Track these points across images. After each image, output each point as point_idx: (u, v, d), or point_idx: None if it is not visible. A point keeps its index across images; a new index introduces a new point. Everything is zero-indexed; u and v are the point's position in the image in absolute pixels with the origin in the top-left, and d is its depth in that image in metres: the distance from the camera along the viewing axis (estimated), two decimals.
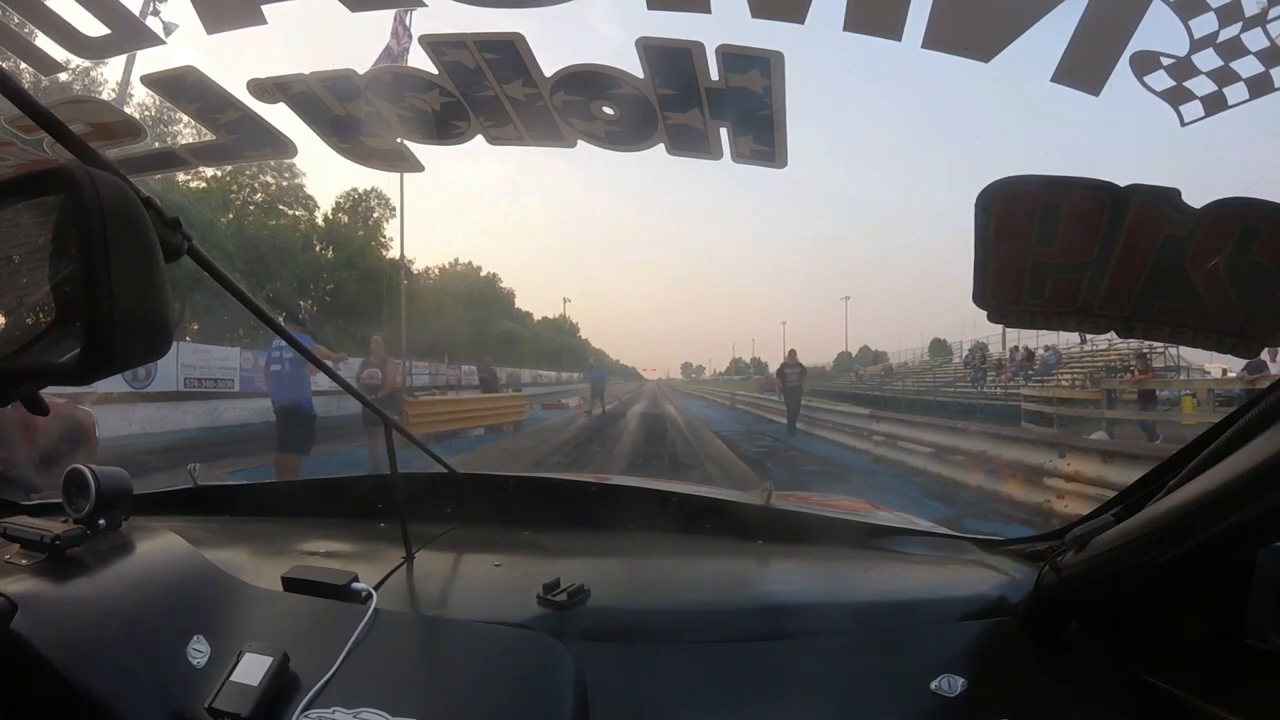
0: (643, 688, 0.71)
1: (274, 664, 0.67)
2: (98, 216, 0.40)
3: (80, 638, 0.67)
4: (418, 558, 0.97)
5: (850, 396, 21.76)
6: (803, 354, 13.68)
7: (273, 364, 6.00)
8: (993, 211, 0.85)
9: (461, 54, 1.02)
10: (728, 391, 34.45)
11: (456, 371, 29.21)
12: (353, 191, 31.92)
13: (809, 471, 8.57)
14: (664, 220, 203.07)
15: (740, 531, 1.13)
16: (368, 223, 32.49)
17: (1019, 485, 6.22)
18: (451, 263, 46.96)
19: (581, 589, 0.81)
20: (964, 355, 25.90)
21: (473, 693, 0.68)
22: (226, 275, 0.67)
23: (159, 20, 1.17)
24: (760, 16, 0.87)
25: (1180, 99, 0.84)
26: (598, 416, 17.17)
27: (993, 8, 0.82)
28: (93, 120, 1.18)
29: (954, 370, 26.30)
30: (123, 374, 0.47)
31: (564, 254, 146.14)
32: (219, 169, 20.55)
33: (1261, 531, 0.56)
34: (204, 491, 1.32)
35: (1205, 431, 0.69)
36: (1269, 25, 0.78)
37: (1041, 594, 0.77)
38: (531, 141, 1.15)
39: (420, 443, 1.21)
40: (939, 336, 41.51)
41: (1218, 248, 0.78)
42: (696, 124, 1.04)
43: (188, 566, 0.84)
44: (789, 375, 13.58)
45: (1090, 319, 0.89)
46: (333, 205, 31.46)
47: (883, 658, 0.76)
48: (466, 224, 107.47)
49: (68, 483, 0.88)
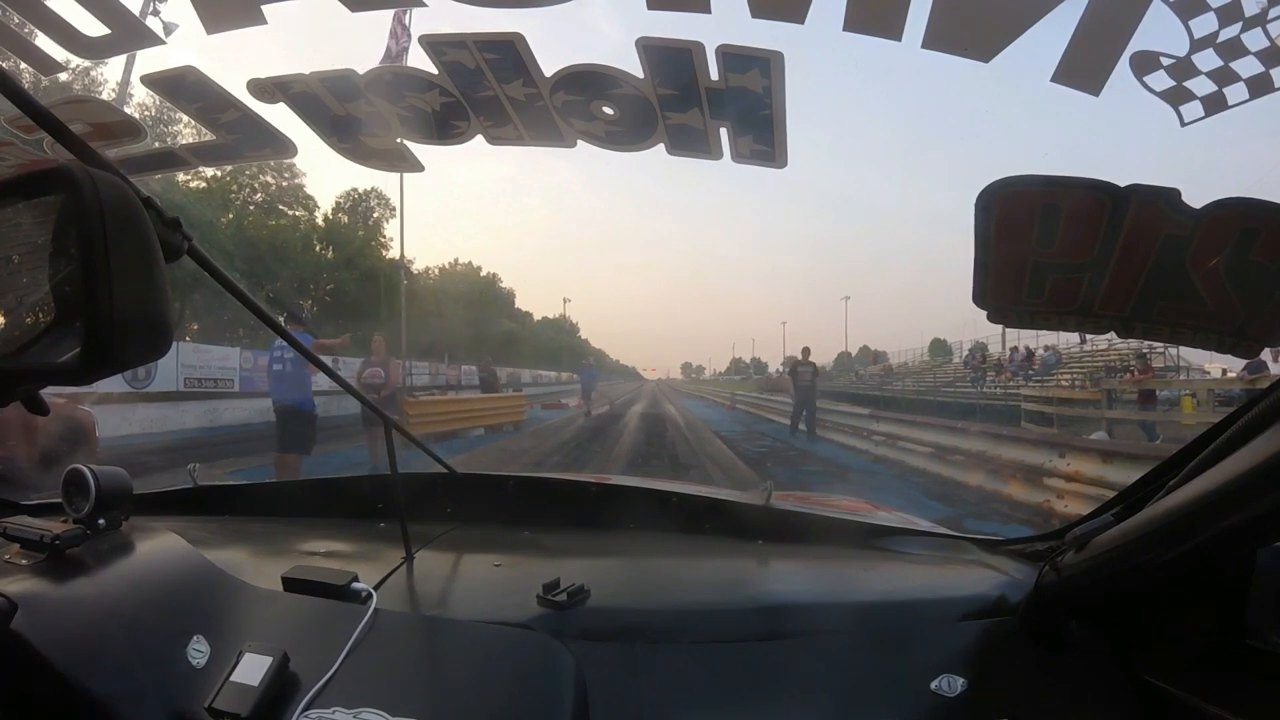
0: (643, 688, 0.71)
1: (274, 664, 0.67)
2: (98, 216, 0.40)
3: (80, 638, 0.67)
4: (418, 558, 0.97)
5: (850, 396, 21.72)
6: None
7: (274, 364, 5.99)
8: (993, 211, 0.85)
9: (461, 54, 1.02)
10: (728, 391, 34.46)
11: (456, 371, 29.23)
12: (352, 191, 32.03)
13: (813, 472, 8.57)
14: (664, 220, 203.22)
15: (740, 531, 1.13)
16: (368, 223, 32.55)
17: (1019, 485, 6.23)
18: (451, 263, 47.00)
19: (581, 589, 0.81)
20: (964, 355, 25.88)
21: (473, 693, 0.68)
22: (226, 275, 0.67)
23: (159, 20, 1.17)
24: (760, 16, 0.87)
25: (1180, 99, 0.84)
26: (596, 417, 17.15)
27: (993, 8, 0.82)
28: (93, 120, 1.18)
29: (954, 370, 26.31)
30: (123, 374, 0.47)
31: (564, 254, 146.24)
32: (219, 169, 20.56)
33: (1261, 531, 0.56)
34: (204, 491, 1.32)
35: (1205, 431, 0.69)
36: (1269, 25, 0.78)
37: (1041, 594, 0.77)
38: (531, 141, 1.15)
39: (420, 443, 1.21)
40: (939, 336, 41.56)
41: (1218, 248, 0.78)
42: (696, 124, 1.04)
43: (188, 566, 0.84)
44: (801, 374, 12.97)
45: (1090, 319, 0.89)
46: (333, 205, 31.59)
47: (883, 658, 0.76)
48: (466, 224, 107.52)
49: (68, 483, 0.89)
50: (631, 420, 16.67)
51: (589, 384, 19.91)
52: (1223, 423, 0.63)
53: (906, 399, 21.95)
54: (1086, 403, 12.00)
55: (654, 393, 43.88)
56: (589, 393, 19.25)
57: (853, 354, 61.38)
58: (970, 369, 23.08)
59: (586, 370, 22.46)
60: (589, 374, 21.47)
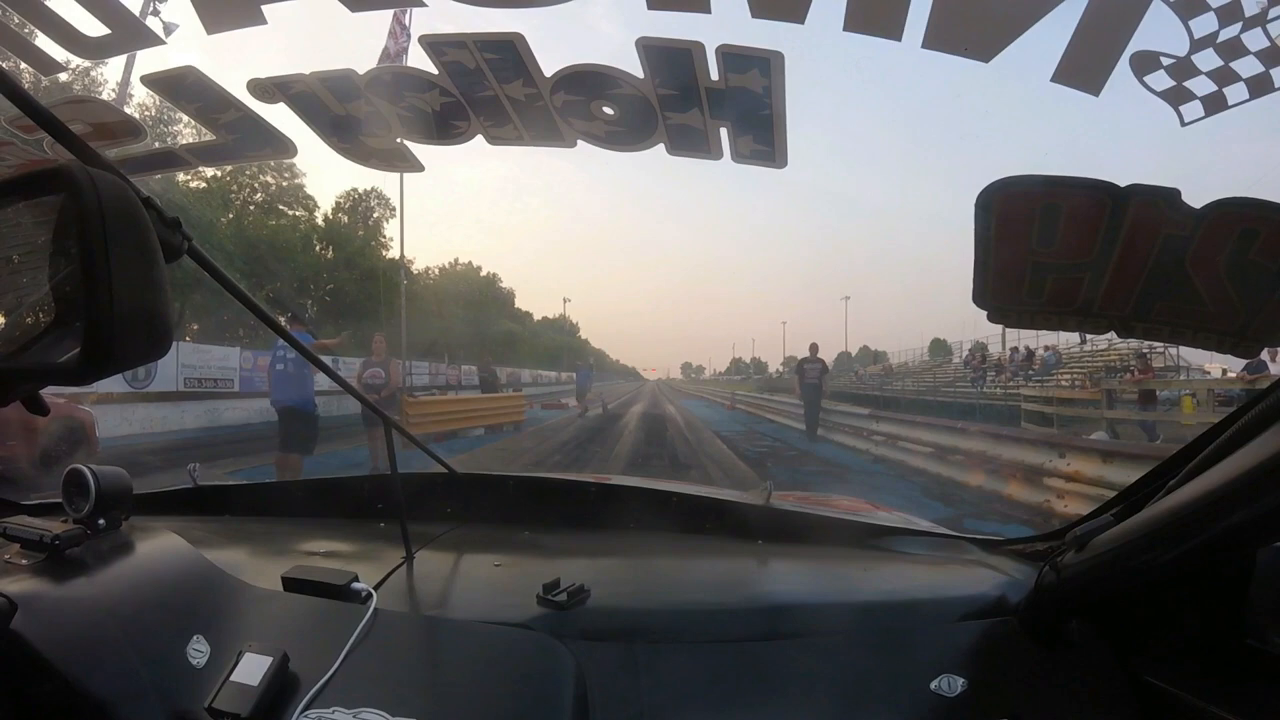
0: (643, 688, 0.71)
1: (274, 664, 0.67)
2: (98, 216, 0.40)
3: (80, 638, 0.67)
4: (418, 558, 0.97)
5: (851, 396, 21.71)
6: (802, 353, 13.16)
7: (276, 364, 5.98)
8: (993, 211, 0.85)
9: (461, 54, 1.02)
10: (728, 392, 34.48)
11: (457, 371, 29.20)
12: (353, 191, 31.98)
13: (812, 472, 8.57)
14: (664, 220, 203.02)
15: (740, 531, 1.13)
16: (368, 223, 32.47)
17: (1019, 485, 6.22)
18: (452, 263, 46.63)
19: (581, 589, 0.81)
20: (964, 355, 25.83)
21: (473, 693, 0.68)
22: (226, 275, 0.67)
23: (159, 20, 1.17)
24: (760, 16, 0.87)
25: (1180, 99, 0.84)
26: (594, 417, 17.19)
27: (993, 8, 0.82)
28: (93, 120, 1.18)
29: (953, 371, 26.26)
30: (123, 374, 0.47)
31: (564, 254, 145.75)
32: (219, 169, 20.54)
33: (1261, 531, 0.56)
34: (204, 491, 1.32)
35: (1205, 431, 0.69)
36: (1269, 25, 0.78)
37: (1041, 594, 0.77)
38: (531, 141, 1.15)
39: (420, 443, 1.21)
40: (939, 336, 41.50)
41: (1218, 248, 0.78)
42: (696, 124, 1.04)
43: (188, 566, 0.84)
44: (808, 371, 12.52)
45: (1090, 319, 0.89)
46: (333, 205, 31.52)
47: (883, 658, 0.76)
48: (467, 224, 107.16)
49: (68, 483, 0.88)
50: (631, 421, 16.68)
51: (584, 385, 20.13)
52: (1223, 423, 0.63)
53: (906, 399, 21.91)
54: (1086, 403, 12.00)
55: (654, 392, 43.80)
56: (583, 393, 19.39)
57: (852, 354, 61.34)
58: (970, 369, 23.04)
59: (582, 370, 22.64)
60: (584, 374, 21.74)
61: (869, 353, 52.83)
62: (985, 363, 22.34)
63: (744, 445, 11.46)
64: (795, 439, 12.31)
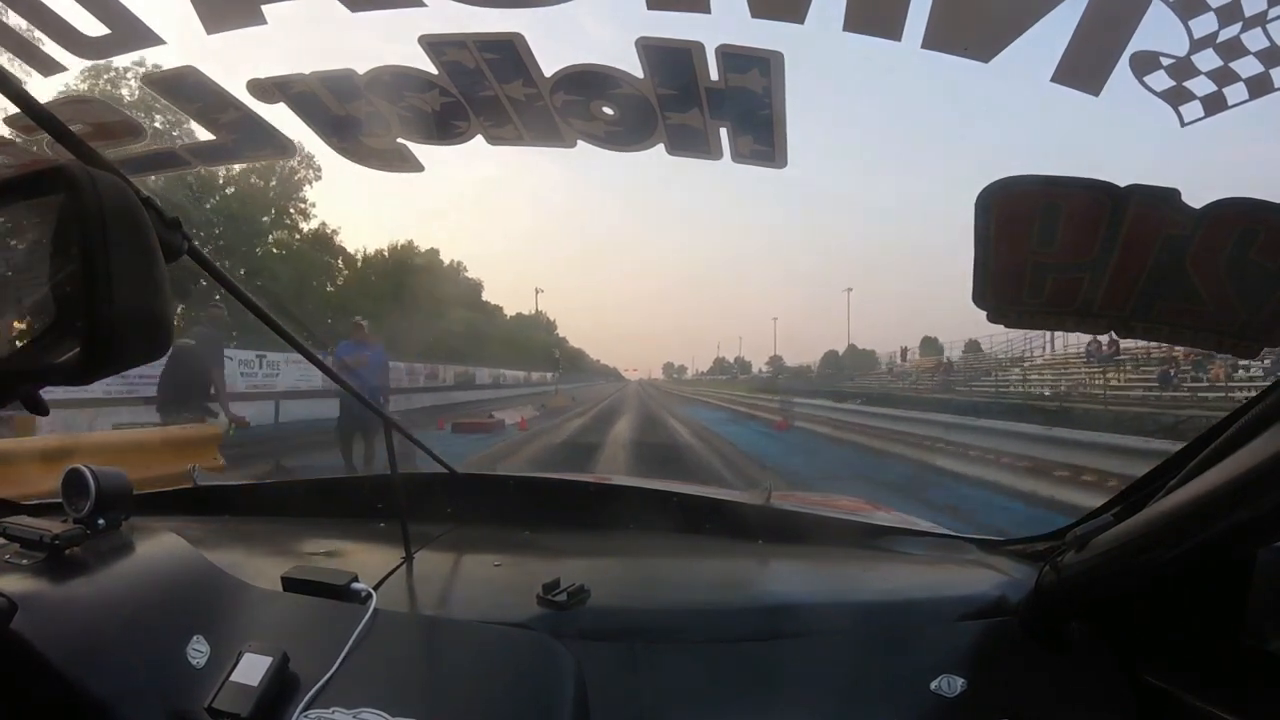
0: (642, 688, 0.71)
1: (274, 664, 0.67)
2: (98, 216, 0.40)
3: (80, 638, 0.67)
4: (418, 558, 0.97)
5: (955, 406, 13.59)
6: (793, 353, 12.11)
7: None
8: (993, 211, 0.85)
9: (461, 54, 1.02)
10: (728, 393, 32.61)
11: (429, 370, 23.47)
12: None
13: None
14: (652, 221, 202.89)
15: (740, 531, 1.13)
16: (284, 183, 24.21)
17: None
18: (394, 245, 35.03)
19: (581, 589, 0.81)
20: (1087, 345, 17.72)
21: (473, 693, 0.68)
22: (226, 275, 0.67)
23: (159, 20, 1.17)
24: (760, 16, 0.87)
25: (1180, 99, 0.84)
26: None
27: (993, 8, 0.82)
28: (93, 120, 1.18)
29: (1045, 362, 20.96)
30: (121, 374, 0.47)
31: (543, 251, 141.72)
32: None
33: (1261, 531, 0.56)
34: (204, 491, 1.32)
35: (1205, 431, 0.69)
36: (1269, 25, 0.78)
37: (1041, 594, 0.77)
38: (531, 142, 1.15)
39: (421, 443, 1.21)
40: (929, 335, 41.14)
41: (1218, 248, 0.78)
42: (696, 124, 1.04)
43: (187, 566, 0.84)
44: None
45: (1090, 318, 0.89)
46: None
47: (882, 658, 0.76)
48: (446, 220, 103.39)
49: (67, 483, 0.88)
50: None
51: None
52: (1223, 423, 0.64)
53: (1036, 401, 15.68)
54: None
55: (639, 396, 35.15)
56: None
57: (839, 352, 60.49)
58: (1093, 359, 17.31)
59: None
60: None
61: (855, 351, 52.22)
62: (1118, 351, 15.59)
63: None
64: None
